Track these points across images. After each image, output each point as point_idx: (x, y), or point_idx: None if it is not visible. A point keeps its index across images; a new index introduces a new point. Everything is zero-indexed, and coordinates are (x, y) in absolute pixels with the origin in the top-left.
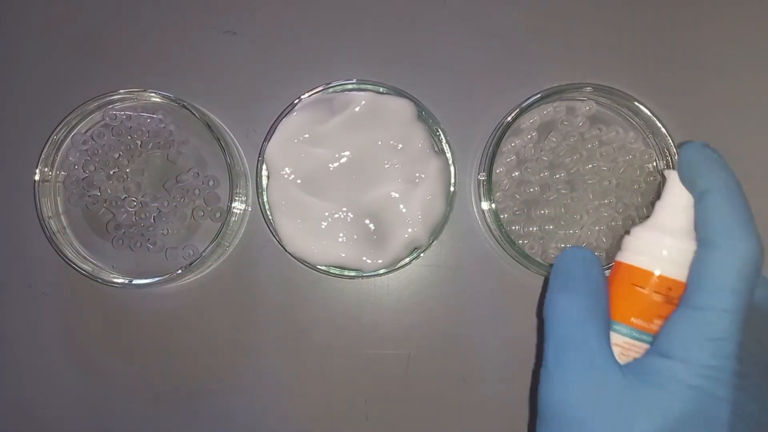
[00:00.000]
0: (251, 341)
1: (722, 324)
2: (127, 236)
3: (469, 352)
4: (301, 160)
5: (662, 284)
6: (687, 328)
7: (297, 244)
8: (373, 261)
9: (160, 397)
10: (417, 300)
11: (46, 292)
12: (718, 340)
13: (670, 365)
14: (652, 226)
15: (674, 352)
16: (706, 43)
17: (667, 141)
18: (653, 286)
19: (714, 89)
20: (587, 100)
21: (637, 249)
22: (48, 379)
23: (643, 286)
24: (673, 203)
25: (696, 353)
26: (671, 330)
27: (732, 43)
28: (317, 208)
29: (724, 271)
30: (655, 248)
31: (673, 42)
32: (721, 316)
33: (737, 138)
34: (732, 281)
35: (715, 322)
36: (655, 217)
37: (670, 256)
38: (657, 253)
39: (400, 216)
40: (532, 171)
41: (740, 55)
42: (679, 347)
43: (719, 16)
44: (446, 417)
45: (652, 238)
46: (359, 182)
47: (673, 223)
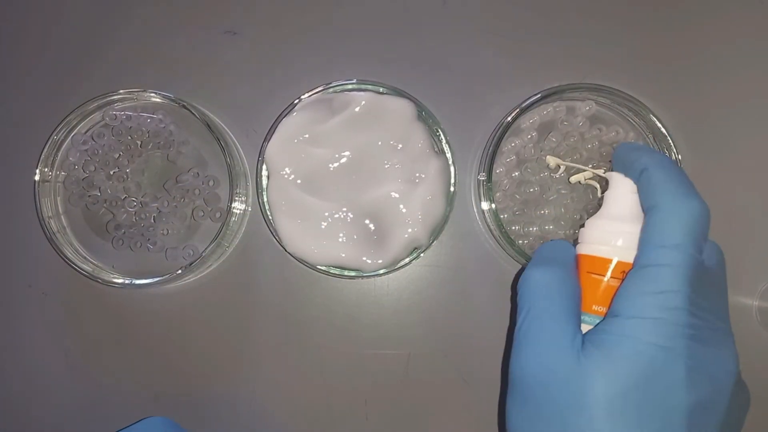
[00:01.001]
0: (251, 341)
1: (666, 278)
2: (127, 236)
3: (469, 352)
4: (301, 160)
5: (617, 269)
6: (633, 286)
7: (297, 244)
8: (373, 261)
9: (160, 397)
10: (417, 300)
11: (46, 292)
12: (663, 293)
13: (620, 323)
14: (602, 215)
15: (622, 310)
16: (707, 43)
17: (667, 141)
18: (609, 271)
19: (714, 89)
20: (587, 100)
21: (591, 239)
22: (48, 379)
23: (601, 273)
24: (619, 193)
25: (642, 307)
26: (619, 292)
27: (732, 43)
28: (317, 208)
29: (665, 228)
30: (607, 235)
31: (673, 42)
32: (665, 270)
33: (737, 138)
34: (673, 237)
35: (660, 276)
36: (604, 208)
37: (621, 240)
38: (609, 239)
39: (400, 216)
40: (532, 171)
41: (740, 55)
42: (626, 305)
43: (719, 16)
44: (446, 417)
45: (603, 227)
46: (359, 182)
47: (621, 210)
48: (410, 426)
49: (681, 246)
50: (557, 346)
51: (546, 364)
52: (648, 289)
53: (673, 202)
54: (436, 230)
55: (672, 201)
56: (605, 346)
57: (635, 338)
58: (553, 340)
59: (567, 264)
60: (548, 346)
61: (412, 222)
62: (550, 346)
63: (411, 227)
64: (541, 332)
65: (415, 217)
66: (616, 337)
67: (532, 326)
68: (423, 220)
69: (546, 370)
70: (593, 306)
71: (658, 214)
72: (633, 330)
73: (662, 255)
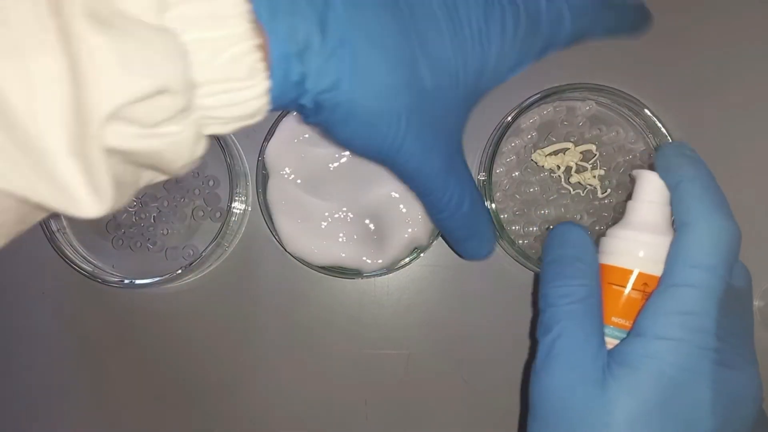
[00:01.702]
0: (251, 341)
1: (696, 299)
2: (127, 236)
3: (469, 353)
4: (301, 160)
5: (639, 280)
6: (660, 305)
7: (297, 244)
8: (373, 261)
9: (160, 397)
10: (417, 300)
11: (46, 292)
12: (690, 314)
13: (645, 343)
14: (625, 224)
15: (648, 330)
16: (707, 44)
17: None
18: (630, 283)
19: (715, 90)
20: (587, 100)
21: (613, 249)
22: (48, 379)
23: (621, 285)
24: (646, 201)
25: (669, 328)
26: (645, 310)
27: (733, 43)
28: (317, 208)
29: (696, 248)
30: (630, 246)
31: (673, 42)
32: (695, 291)
33: (737, 139)
34: (704, 258)
35: (687, 297)
36: (628, 216)
37: (644, 252)
38: (632, 250)
39: (400, 216)
40: (532, 171)
41: (741, 56)
42: (652, 324)
43: (721, 17)
44: (446, 417)
45: (626, 236)
46: (359, 182)
47: (646, 219)
48: (410, 426)
49: (713, 268)
50: (581, 364)
51: (569, 381)
52: (676, 309)
53: (710, 221)
54: (436, 230)
55: (708, 220)
56: (629, 365)
57: (660, 359)
58: (576, 359)
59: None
60: (572, 364)
61: (412, 222)
62: (574, 365)
63: (411, 227)
64: (565, 350)
65: (415, 217)
66: (640, 358)
67: (556, 344)
68: (423, 220)
69: (569, 389)
70: (613, 317)
71: (692, 231)
72: (658, 350)
73: (693, 275)
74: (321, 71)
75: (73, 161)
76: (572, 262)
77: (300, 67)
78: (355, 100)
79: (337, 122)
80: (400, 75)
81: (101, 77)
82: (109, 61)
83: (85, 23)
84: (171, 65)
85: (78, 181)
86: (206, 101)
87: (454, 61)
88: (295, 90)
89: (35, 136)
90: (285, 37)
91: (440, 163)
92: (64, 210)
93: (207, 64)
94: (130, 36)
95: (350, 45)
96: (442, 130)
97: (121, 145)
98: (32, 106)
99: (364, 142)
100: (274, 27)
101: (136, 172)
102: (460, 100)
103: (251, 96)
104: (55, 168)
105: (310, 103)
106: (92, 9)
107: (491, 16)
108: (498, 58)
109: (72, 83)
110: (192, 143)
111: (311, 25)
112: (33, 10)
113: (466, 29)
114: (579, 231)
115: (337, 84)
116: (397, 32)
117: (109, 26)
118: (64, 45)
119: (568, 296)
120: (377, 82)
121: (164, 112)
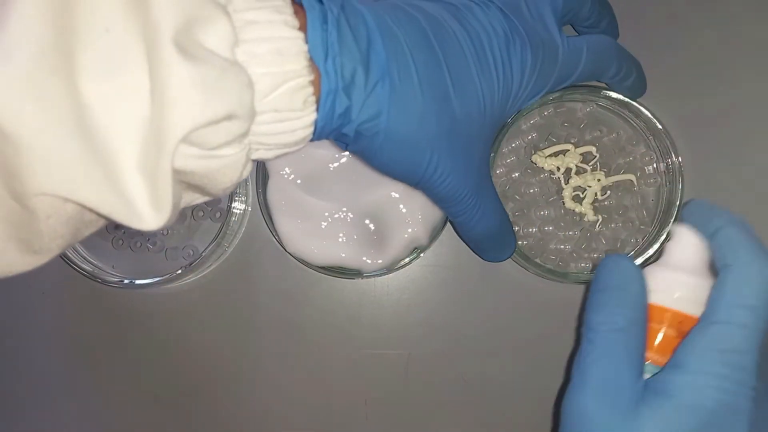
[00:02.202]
0: (251, 341)
1: (737, 337)
2: (127, 236)
3: (469, 352)
4: (301, 160)
5: (674, 318)
6: (700, 341)
7: (297, 244)
8: (373, 261)
9: (160, 397)
10: (417, 300)
11: (46, 292)
12: (731, 351)
13: (684, 374)
14: (662, 264)
15: (686, 363)
16: (708, 46)
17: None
18: (666, 320)
19: (715, 91)
20: (584, 101)
21: (650, 287)
22: (48, 378)
23: (657, 322)
24: (683, 243)
25: (709, 363)
26: (685, 344)
27: (733, 43)
28: (317, 208)
29: (740, 288)
30: (668, 285)
31: (674, 44)
32: (736, 329)
33: (737, 139)
34: (748, 299)
35: (730, 335)
36: (665, 257)
37: (681, 291)
38: (669, 289)
39: (400, 216)
40: (532, 172)
41: (741, 56)
42: (691, 358)
43: (721, 19)
44: (446, 417)
45: (664, 275)
46: (359, 182)
47: (685, 261)
48: (410, 426)
49: (756, 308)
50: (615, 388)
51: (601, 405)
52: (717, 346)
53: (752, 263)
54: (436, 230)
55: (751, 262)
56: (665, 395)
57: (698, 391)
58: (611, 383)
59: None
60: (605, 388)
61: (412, 222)
62: (608, 389)
63: (411, 227)
64: (600, 374)
65: (415, 217)
66: (677, 388)
67: (592, 368)
68: (423, 220)
69: (600, 412)
70: (647, 353)
71: (736, 273)
72: (697, 383)
73: (736, 314)
74: (364, 104)
75: (141, 177)
76: (617, 292)
77: (346, 101)
78: (392, 128)
79: (376, 149)
80: (433, 105)
81: (181, 100)
82: (189, 87)
83: (172, 50)
84: (241, 94)
85: (143, 198)
86: (261, 128)
87: (481, 91)
88: (339, 121)
89: (110, 149)
90: (334, 73)
91: (472, 184)
92: (127, 222)
93: (267, 95)
94: (209, 65)
95: (389, 79)
96: (471, 154)
97: (182, 164)
98: (112, 121)
99: (401, 167)
100: (325, 65)
101: (180, 192)
102: (486, 127)
103: (300, 126)
104: (124, 182)
105: (352, 132)
106: (178, 39)
107: (513, 52)
108: (519, 88)
109: (153, 103)
110: (242, 166)
111: (357, 64)
112: (126, 33)
113: (491, 64)
114: (628, 263)
115: (377, 114)
116: (430, 68)
117: (192, 56)
118: (151, 68)
119: (610, 324)
120: (412, 111)
121: (226, 136)
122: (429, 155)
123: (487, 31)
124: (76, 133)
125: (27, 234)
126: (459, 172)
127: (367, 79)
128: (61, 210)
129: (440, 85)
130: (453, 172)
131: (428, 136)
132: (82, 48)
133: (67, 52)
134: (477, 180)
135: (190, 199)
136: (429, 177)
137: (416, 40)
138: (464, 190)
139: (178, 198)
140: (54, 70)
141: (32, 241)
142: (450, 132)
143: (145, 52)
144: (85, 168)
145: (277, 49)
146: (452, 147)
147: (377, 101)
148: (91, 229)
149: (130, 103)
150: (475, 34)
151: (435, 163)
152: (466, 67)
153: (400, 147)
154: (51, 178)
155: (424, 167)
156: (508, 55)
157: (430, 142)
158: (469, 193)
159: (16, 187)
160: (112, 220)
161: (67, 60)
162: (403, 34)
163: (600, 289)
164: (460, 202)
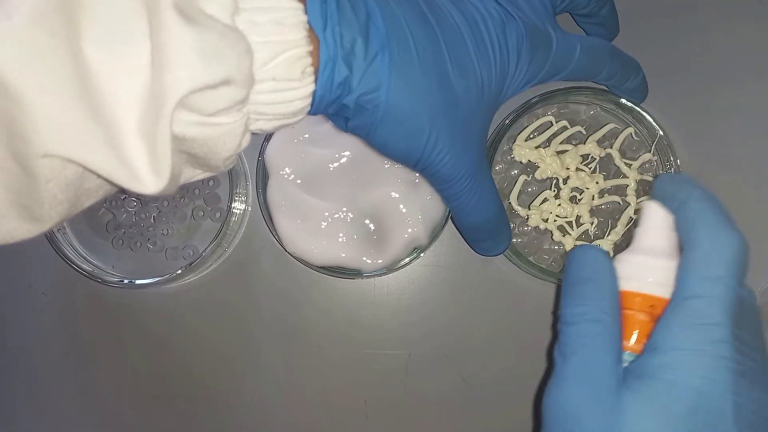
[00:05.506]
0: (251, 341)
1: (708, 310)
2: (127, 236)
3: (469, 352)
4: (301, 160)
5: (646, 303)
6: (673, 319)
7: (297, 244)
8: (373, 261)
9: (160, 397)
10: (417, 300)
11: (46, 292)
12: (705, 325)
13: (660, 356)
14: (632, 250)
15: (661, 343)
16: (708, 48)
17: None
18: (637, 306)
19: (716, 94)
20: (589, 103)
21: (623, 273)
22: (47, 378)
23: (630, 308)
24: (650, 227)
25: (683, 340)
26: (659, 325)
27: (732, 45)
28: (317, 208)
29: (705, 261)
30: (636, 270)
31: (674, 46)
32: (707, 302)
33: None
34: (715, 269)
35: (701, 308)
36: (634, 243)
37: (652, 275)
38: (638, 274)
39: (400, 216)
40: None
41: (741, 58)
42: (665, 337)
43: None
44: (446, 417)
45: (634, 261)
46: (359, 182)
47: (652, 244)
48: (410, 426)
49: (723, 278)
50: (595, 378)
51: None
52: (689, 321)
53: (715, 234)
54: (436, 230)
55: (713, 234)
56: (645, 376)
57: (677, 369)
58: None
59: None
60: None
61: (412, 222)
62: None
63: (411, 227)
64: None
65: (415, 217)
66: (656, 368)
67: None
68: (423, 220)
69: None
70: (624, 341)
71: (698, 246)
72: (674, 361)
73: (703, 287)
74: (364, 75)
75: (141, 140)
76: (589, 284)
77: (345, 70)
78: (392, 102)
79: (377, 123)
80: (432, 77)
81: (180, 63)
82: (188, 49)
83: (172, 14)
84: (239, 59)
85: (143, 160)
86: (259, 97)
87: (478, 70)
88: (338, 90)
89: (111, 112)
90: (333, 42)
91: (470, 164)
92: (126, 185)
93: (266, 64)
94: (209, 30)
95: (388, 51)
96: (470, 133)
97: (181, 131)
98: (114, 85)
99: (401, 143)
100: (324, 33)
101: (180, 164)
102: (484, 105)
103: (298, 96)
104: (124, 145)
105: (352, 104)
106: (178, 3)
107: (509, 34)
108: (516, 70)
109: (153, 68)
110: (240, 135)
111: (356, 33)
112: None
113: (488, 44)
114: (596, 252)
115: (377, 87)
116: (428, 44)
117: (192, 20)
118: (152, 32)
119: (585, 315)
120: (413, 85)
121: (224, 102)
122: (428, 131)
123: (482, 15)
124: (78, 96)
125: (28, 200)
126: (458, 150)
127: (367, 49)
128: (61, 175)
129: (439, 61)
130: (452, 150)
131: (428, 111)
132: (84, 13)
133: (71, 16)
134: (476, 161)
135: (191, 174)
136: (428, 154)
137: (414, 18)
138: (462, 169)
139: (178, 167)
140: (55, 31)
141: (33, 207)
142: (449, 109)
143: (147, 17)
144: (87, 130)
145: (276, 19)
146: (451, 125)
147: (377, 73)
148: (90, 200)
149: (131, 67)
150: (471, 16)
151: (434, 140)
152: (463, 46)
153: (400, 121)
154: (53, 137)
155: (423, 143)
156: (504, 37)
157: (430, 118)
158: (467, 173)
159: (20, 148)
160: (112, 182)
161: (70, 24)
162: (401, 11)
163: (572, 282)
164: (458, 181)
